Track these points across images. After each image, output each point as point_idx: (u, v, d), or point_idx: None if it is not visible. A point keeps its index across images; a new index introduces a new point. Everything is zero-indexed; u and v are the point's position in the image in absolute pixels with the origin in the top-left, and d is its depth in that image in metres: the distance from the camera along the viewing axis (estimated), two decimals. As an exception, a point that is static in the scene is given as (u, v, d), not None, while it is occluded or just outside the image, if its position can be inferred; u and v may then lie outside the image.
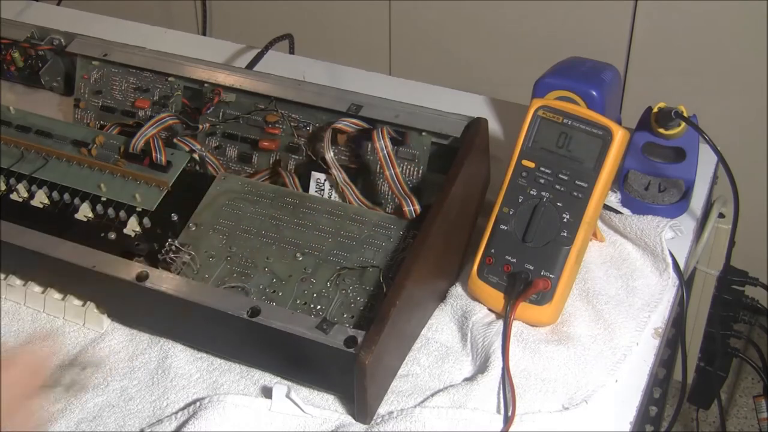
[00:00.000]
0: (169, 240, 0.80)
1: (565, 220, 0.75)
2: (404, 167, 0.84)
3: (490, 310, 0.79)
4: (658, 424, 0.98)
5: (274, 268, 0.78)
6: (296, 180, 0.86)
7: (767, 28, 1.44)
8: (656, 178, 0.90)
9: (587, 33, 1.59)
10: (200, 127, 0.91)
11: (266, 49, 1.14)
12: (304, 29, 1.41)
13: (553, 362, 0.74)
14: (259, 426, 0.71)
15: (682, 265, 0.83)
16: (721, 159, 0.86)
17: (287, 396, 0.70)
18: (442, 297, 0.81)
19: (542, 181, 0.77)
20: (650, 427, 0.94)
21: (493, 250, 0.78)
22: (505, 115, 1.04)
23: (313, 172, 0.86)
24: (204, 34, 1.91)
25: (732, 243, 1.00)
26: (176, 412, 0.72)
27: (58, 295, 0.81)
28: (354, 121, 0.84)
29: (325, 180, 0.86)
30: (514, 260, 0.77)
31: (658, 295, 0.80)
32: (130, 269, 0.76)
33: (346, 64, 1.15)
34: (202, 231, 0.81)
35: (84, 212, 0.84)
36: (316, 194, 0.86)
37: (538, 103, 0.78)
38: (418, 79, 1.12)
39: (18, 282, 0.83)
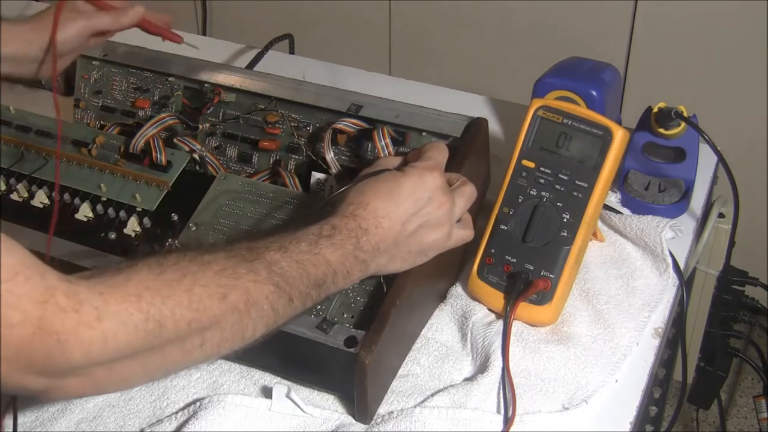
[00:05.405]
0: (169, 240, 0.80)
1: (565, 220, 0.75)
2: (404, 167, 0.84)
3: (490, 310, 0.79)
4: (658, 424, 0.98)
5: (274, 268, 0.78)
6: (296, 180, 0.86)
7: (767, 28, 1.44)
8: (656, 178, 0.90)
9: (587, 33, 1.59)
10: (200, 127, 0.91)
11: (266, 49, 1.14)
12: (304, 29, 1.41)
13: (553, 362, 0.74)
14: (259, 426, 0.70)
15: (682, 265, 0.83)
16: (721, 159, 0.86)
17: (287, 396, 0.70)
18: (442, 297, 0.81)
19: (542, 181, 0.76)
20: (650, 427, 0.94)
21: (493, 250, 0.78)
22: (505, 115, 1.04)
23: (313, 172, 0.86)
24: (204, 34, 1.91)
25: (732, 243, 1.00)
26: (176, 412, 0.72)
27: (58, 295, 0.81)
28: (354, 121, 0.84)
29: (325, 180, 0.86)
30: (514, 260, 0.77)
31: (658, 295, 0.80)
32: (130, 269, 0.75)
33: (346, 64, 1.14)
34: (202, 231, 0.81)
35: (84, 212, 0.84)
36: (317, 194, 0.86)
37: (538, 103, 0.77)
38: (418, 79, 1.12)
39: (18, 282, 0.83)
